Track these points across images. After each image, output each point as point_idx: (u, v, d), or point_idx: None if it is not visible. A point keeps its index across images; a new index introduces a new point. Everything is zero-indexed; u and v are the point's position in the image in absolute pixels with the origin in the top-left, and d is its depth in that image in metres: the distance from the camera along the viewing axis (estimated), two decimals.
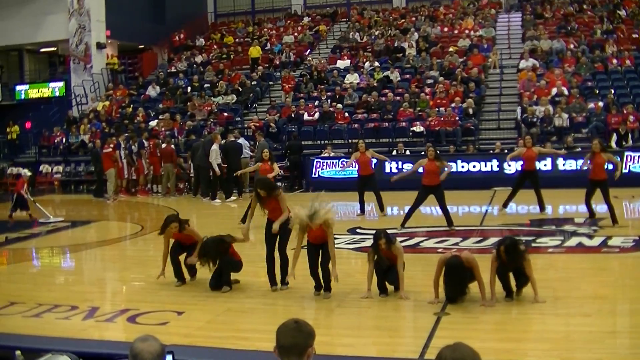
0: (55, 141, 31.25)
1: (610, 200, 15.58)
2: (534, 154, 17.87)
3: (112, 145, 25.34)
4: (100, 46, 35.36)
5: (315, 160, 24.91)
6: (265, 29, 40.15)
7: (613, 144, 23.91)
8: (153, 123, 29.85)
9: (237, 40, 39.42)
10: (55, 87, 37.00)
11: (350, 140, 26.27)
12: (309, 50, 36.76)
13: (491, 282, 9.55)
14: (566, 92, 27.15)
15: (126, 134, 27.10)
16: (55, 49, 39.22)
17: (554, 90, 27.41)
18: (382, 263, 10.11)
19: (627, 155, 22.77)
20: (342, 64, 33.46)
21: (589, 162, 16.21)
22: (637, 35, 31.16)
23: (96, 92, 34.78)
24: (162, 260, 11.49)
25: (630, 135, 24.08)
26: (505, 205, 17.96)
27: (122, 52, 38.82)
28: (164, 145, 26.02)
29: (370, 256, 10.18)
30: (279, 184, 20.95)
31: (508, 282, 9.60)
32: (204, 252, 10.98)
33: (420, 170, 16.29)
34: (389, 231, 10.62)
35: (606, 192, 15.73)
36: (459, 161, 23.67)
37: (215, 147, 23.66)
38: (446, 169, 16.20)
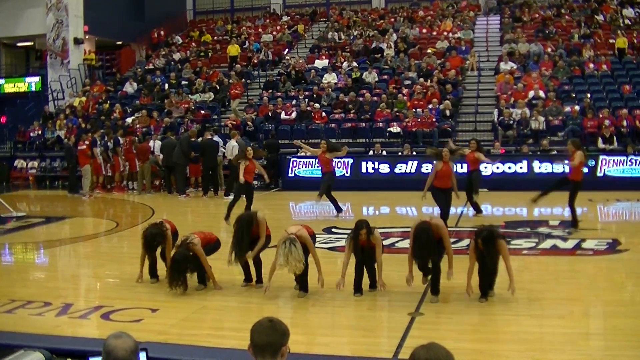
0: (31, 136, 31.04)
1: (574, 204, 15.51)
2: (473, 157, 17.55)
3: (87, 142, 25.18)
4: (77, 41, 35.18)
5: (292, 159, 24.91)
6: (244, 28, 40.09)
7: (600, 145, 24.14)
8: (130, 120, 29.74)
9: (215, 38, 39.34)
10: (32, 82, 36.67)
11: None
12: (287, 50, 36.75)
13: (469, 272, 9.71)
14: (543, 96, 27.31)
15: (102, 131, 26.96)
16: (33, 43, 39.03)
17: (531, 93, 27.55)
18: (356, 253, 10.20)
19: (602, 159, 22.95)
20: (321, 63, 33.48)
21: (567, 161, 16.16)
22: (614, 41, 31.37)
23: (73, 87, 34.60)
24: (140, 263, 11.45)
25: (615, 138, 24.20)
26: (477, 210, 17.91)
27: (99, 48, 38.66)
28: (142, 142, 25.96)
29: (348, 244, 10.32)
30: (256, 182, 20.94)
31: (486, 275, 9.67)
32: (176, 273, 10.42)
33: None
34: None
35: (574, 193, 15.59)
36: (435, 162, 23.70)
37: (234, 142, 23.84)
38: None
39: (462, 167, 19.60)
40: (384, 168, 23.95)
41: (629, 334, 8.21)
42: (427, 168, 21.53)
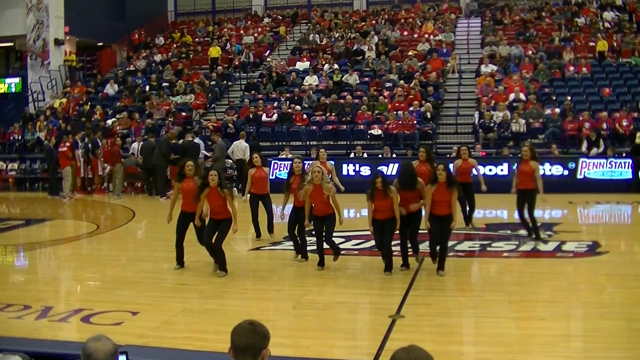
0: (11, 138, 30.85)
1: (534, 214, 14.58)
2: (469, 165, 15.93)
3: (68, 144, 25.04)
4: (58, 42, 35.01)
5: (273, 161, 24.89)
6: (226, 29, 40.01)
7: (584, 149, 24.20)
8: (110, 121, 29.62)
9: (196, 39, 39.27)
10: (12, 83, 36.48)
11: (308, 142, 26.34)
12: (268, 51, 36.72)
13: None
14: (524, 98, 27.41)
15: (83, 132, 26.82)
16: (13, 44, 38.82)
17: (512, 96, 27.66)
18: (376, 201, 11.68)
19: (582, 162, 23.08)
20: (302, 65, 33.47)
21: (515, 168, 15.54)
22: (594, 44, 31.54)
23: (53, 89, 34.42)
24: (170, 206, 12.89)
25: (602, 141, 24.29)
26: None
27: (80, 49, 38.47)
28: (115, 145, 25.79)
29: (368, 195, 11.72)
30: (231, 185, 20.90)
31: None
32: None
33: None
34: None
35: (532, 204, 14.45)
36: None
37: (243, 143, 24.34)
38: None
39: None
40: (365, 170, 23.96)
41: (609, 335, 8.25)
42: None
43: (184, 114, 29.88)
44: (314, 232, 12.42)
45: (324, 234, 12.13)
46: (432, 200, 11.41)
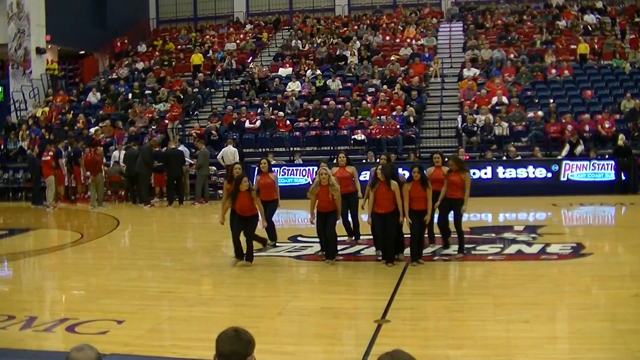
0: None
1: (461, 226, 13.69)
2: (442, 173, 13.86)
3: (51, 153, 24.92)
4: (40, 51, 34.91)
5: (257, 168, 24.82)
6: (208, 36, 40.03)
7: (563, 154, 24.26)
8: (93, 130, 29.53)
9: (179, 47, 39.23)
10: None
11: (291, 148, 26.34)
12: (251, 58, 36.74)
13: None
14: (506, 101, 27.53)
15: (66, 141, 26.71)
16: None
17: (494, 99, 27.77)
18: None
19: (565, 164, 23.18)
20: (284, 71, 33.50)
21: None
22: (575, 46, 31.70)
23: (36, 97, 34.30)
24: (222, 208, 13.56)
25: (583, 144, 24.41)
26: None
27: (62, 58, 38.39)
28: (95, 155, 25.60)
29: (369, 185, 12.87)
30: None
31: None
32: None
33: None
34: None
35: (459, 214, 13.58)
36: (400, 169, 23.75)
37: (232, 149, 24.83)
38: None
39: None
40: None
41: (593, 337, 8.28)
42: None
43: (166, 121, 29.78)
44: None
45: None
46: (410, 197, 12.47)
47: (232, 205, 13.01)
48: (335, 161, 15.68)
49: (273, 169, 16.48)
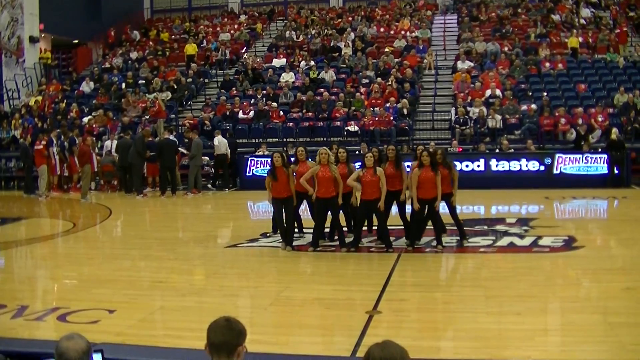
0: None
1: (457, 216, 13.88)
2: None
3: (44, 142, 24.84)
4: (33, 40, 34.83)
5: (250, 158, 24.84)
6: (202, 26, 39.99)
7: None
8: (86, 119, 29.47)
9: (173, 37, 39.16)
10: None
11: (285, 139, 26.31)
12: (245, 48, 36.71)
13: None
14: (500, 94, 27.56)
15: (58, 130, 26.65)
16: None
17: (488, 92, 27.80)
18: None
19: (558, 157, 23.19)
20: (278, 62, 33.48)
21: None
22: (566, 40, 31.73)
23: (29, 86, 34.24)
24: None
25: (590, 135, 24.49)
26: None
27: (56, 47, 38.32)
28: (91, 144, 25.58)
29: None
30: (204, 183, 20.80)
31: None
32: None
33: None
34: None
35: (453, 206, 13.75)
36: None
37: (220, 138, 25.11)
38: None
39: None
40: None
41: (585, 329, 8.28)
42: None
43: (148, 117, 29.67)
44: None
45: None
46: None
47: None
48: (335, 155, 13.90)
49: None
